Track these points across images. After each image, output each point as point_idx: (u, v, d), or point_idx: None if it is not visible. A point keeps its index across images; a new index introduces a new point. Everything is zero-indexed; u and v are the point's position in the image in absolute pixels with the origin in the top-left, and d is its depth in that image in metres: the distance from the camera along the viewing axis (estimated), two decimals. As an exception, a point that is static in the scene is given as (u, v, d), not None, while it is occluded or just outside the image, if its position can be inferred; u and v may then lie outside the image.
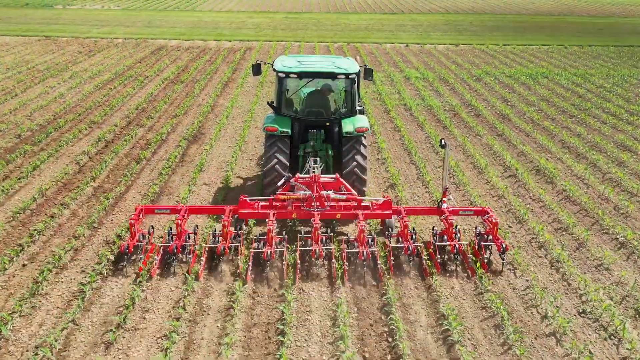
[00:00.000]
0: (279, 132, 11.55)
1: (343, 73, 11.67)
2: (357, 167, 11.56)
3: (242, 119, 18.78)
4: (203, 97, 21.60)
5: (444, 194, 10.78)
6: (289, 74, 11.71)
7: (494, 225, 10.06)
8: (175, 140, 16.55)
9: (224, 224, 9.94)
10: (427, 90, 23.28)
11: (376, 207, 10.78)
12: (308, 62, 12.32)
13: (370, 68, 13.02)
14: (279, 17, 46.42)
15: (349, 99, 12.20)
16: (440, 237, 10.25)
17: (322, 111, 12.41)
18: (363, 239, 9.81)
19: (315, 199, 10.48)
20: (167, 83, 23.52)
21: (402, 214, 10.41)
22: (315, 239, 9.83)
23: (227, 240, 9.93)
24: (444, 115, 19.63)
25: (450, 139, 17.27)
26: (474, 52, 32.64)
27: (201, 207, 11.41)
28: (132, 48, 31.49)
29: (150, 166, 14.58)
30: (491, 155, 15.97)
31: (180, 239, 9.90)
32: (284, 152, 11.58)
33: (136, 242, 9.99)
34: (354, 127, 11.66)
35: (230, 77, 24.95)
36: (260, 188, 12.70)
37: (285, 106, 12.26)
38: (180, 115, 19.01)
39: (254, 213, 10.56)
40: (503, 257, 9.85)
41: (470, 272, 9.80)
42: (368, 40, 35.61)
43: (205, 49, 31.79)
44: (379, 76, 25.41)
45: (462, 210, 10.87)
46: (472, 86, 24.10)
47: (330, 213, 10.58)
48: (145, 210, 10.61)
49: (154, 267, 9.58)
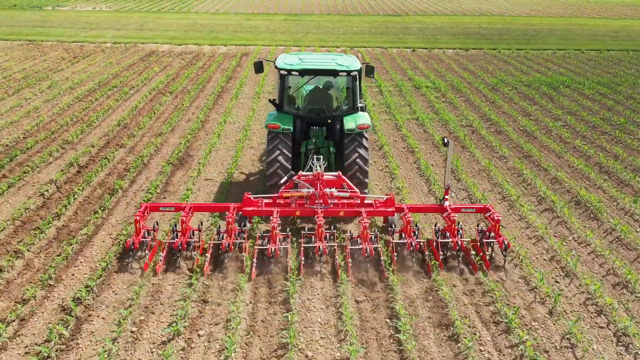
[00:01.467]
0: (281, 130, 11.58)
1: (345, 70, 11.64)
2: (359, 157, 11.58)
3: (235, 138, 16.69)
4: (193, 110, 19.51)
5: (446, 191, 10.86)
6: (291, 72, 11.72)
7: (495, 223, 10.13)
8: (159, 165, 14.45)
9: (229, 221, 10.05)
10: (440, 102, 21.20)
11: (379, 205, 10.84)
12: (310, 59, 12.27)
13: (371, 65, 12.99)
14: (277, 19, 44.34)
15: (350, 96, 12.22)
16: (442, 234, 10.28)
17: (324, 108, 12.43)
18: (366, 235, 9.87)
19: (319, 196, 10.56)
20: (155, 94, 21.42)
21: (404, 212, 10.47)
22: (318, 236, 9.88)
23: (231, 237, 10.01)
24: (461, 132, 17.56)
25: (472, 162, 15.19)
26: (486, 57, 30.57)
27: (206, 204, 11.60)
28: (120, 54, 29.39)
29: (127, 199, 12.49)
30: (521, 183, 13.90)
31: (185, 235, 9.97)
32: (286, 148, 11.62)
33: (141, 239, 9.94)
34: (356, 124, 11.68)
35: (224, 86, 22.85)
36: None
37: (287, 103, 12.30)
38: (166, 133, 16.92)
39: (257, 210, 10.69)
40: (505, 254, 9.91)
41: (472, 268, 9.82)
42: (372, 44, 33.53)
43: (198, 55, 29.70)
44: (386, 86, 23.34)
45: (464, 208, 11.00)
46: (489, 97, 22.02)
47: (334, 210, 10.67)
48: (150, 208, 10.68)
49: (159, 264, 9.58)
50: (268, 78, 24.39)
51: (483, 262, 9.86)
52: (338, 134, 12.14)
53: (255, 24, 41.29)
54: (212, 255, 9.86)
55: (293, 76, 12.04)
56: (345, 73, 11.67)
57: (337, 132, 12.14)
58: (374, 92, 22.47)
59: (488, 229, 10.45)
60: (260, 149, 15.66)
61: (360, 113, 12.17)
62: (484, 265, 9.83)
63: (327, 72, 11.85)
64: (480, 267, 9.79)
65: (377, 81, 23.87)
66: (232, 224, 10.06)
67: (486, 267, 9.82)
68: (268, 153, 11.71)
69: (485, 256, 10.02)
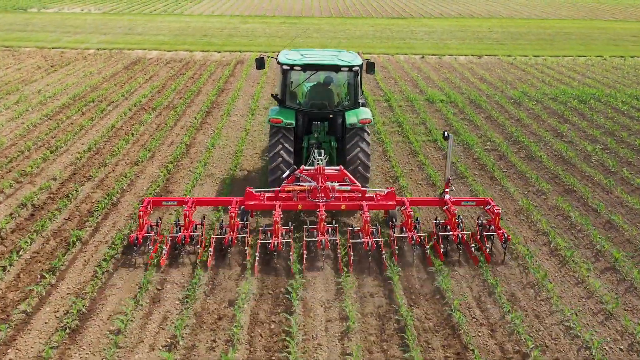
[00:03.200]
0: (284, 124, 11.66)
1: (347, 65, 11.70)
2: (360, 152, 11.66)
3: (224, 167, 14.22)
4: (178, 131, 17.03)
5: (447, 185, 10.96)
6: (293, 67, 11.76)
7: (495, 216, 10.21)
8: (130, 206, 11.98)
9: (231, 215, 10.08)
10: (458, 119, 18.74)
11: (380, 198, 10.95)
12: (312, 55, 12.39)
13: (372, 62, 13.01)
14: (276, 22, 41.84)
15: (352, 91, 12.29)
16: (443, 227, 10.37)
17: (325, 103, 12.45)
18: (368, 229, 9.91)
19: (321, 190, 10.63)
20: (136, 110, 18.93)
21: (405, 205, 10.57)
22: (320, 229, 9.94)
23: (234, 231, 10.06)
24: (487, 157, 15.11)
25: (506, 200, 12.72)
26: (502, 65, 28.11)
27: (208, 199, 11.73)
28: (102, 61, 26.87)
29: (84, 256, 10.01)
30: (569, 229, 11.44)
31: (188, 229, 10.02)
32: (288, 143, 11.68)
33: (145, 234, 10.00)
34: (358, 119, 11.77)
35: (214, 101, 20.36)
36: None
37: (290, 98, 12.36)
38: (143, 162, 14.43)
39: (260, 204, 10.75)
40: (505, 247, 9.95)
41: (473, 261, 9.93)
42: (377, 51, 31.04)
43: (189, 63, 27.19)
44: (396, 99, 20.87)
45: (464, 201, 11.15)
46: (512, 113, 19.56)
47: (335, 204, 10.74)
48: (153, 203, 10.75)
49: (162, 257, 9.67)
50: (264, 90, 21.92)
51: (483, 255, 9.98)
52: (340, 128, 12.23)
53: (252, 27, 38.80)
54: (214, 249, 9.97)
55: (295, 71, 12.05)
56: (347, 68, 11.74)
57: (338, 127, 12.25)
58: (383, 107, 20.01)
59: (488, 222, 10.55)
60: (255, 180, 13.21)
61: (361, 108, 12.22)
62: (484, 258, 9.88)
63: (329, 67, 11.93)
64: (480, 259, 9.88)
65: (387, 94, 21.42)
66: (235, 218, 10.10)
67: (486, 259, 9.92)
68: (270, 148, 11.77)
69: (485, 249, 10.05)
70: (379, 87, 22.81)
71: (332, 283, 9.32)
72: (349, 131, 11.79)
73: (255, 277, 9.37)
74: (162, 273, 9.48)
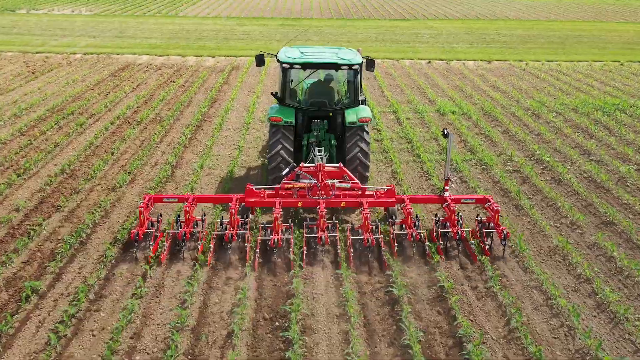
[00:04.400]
0: (284, 122, 11.64)
1: (346, 64, 11.64)
2: (360, 152, 11.66)
3: (213, 192, 12.52)
4: (164, 148, 15.33)
5: (446, 182, 10.98)
6: (293, 65, 11.67)
7: (495, 213, 10.26)
8: (101, 245, 10.27)
9: (232, 212, 10.09)
10: (473, 133, 17.04)
11: (380, 196, 10.96)
12: (312, 53, 12.28)
13: (372, 59, 12.64)
14: (274, 24, 40.12)
15: (351, 89, 12.23)
16: (442, 224, 10.36)
17: (325, 101, 12.43)
18: (367, 226, 9.96)
19: (321, 187, 10.64)
20: (119, 124, 17.22)
21: (405, 202, 10.60)
22: (320, 226, 9.98)
23: (234, 227, 10.06)
24: (509, 180, 13.43)
25: (537, 235, 11.03)
26: (514, 71, 26.41)
27: (208, 195, 11.84)
28: (88, 67, 25.14)
29: (38, 316, 8.31)
30: (615, 273, 9.74)
31: (189, 226, 10.07)
32: (288, 141, 11.67)
33: (145, 230, 9.99)
34: (357, 117, 11.75)
35: (206, 113, 18.65)
36: None
37: (289, 97, 12.32)
38: (122, 187, 12.74)
39: (260, 201, 10.77)
40: (504, 243, 9.98)
41: (472, 257, 9.95)
42: (381, 55, 29.35)
43: (181, 69, 25.48)
44: (404, 111, 19.18)
45: (463, 199, 11.11)
46: (532, 127, 17.87)
47: (335, 201, 10.76)
48: (154, 199, 10.73)
49: (163, 253, 9.68)
50: (260, 101, 20.22)
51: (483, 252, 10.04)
52: (339, 127, 12.23)
53: (249, 30, 37.08)
54: (215, 245, 10.01)
55: (295, 70, 11.97)
56: (347, 66, 11.65)
57: (338, 125, 12.24)
58: (391, 120, 18.30)
59: (487, 219, 10.59)
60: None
61: (361, 106, 12.17)
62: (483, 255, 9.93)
63: (329, 65, 11.85)
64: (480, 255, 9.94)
65: (393, 105, 19.73)
66: (235, 215, 10.13)
67: (486, 256, 9.93)
68: (270, 147, 11.74)
69: (485, 246, 10.12)
70: (384, 97, 21.12)
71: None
72: (349, 130, 11.77)
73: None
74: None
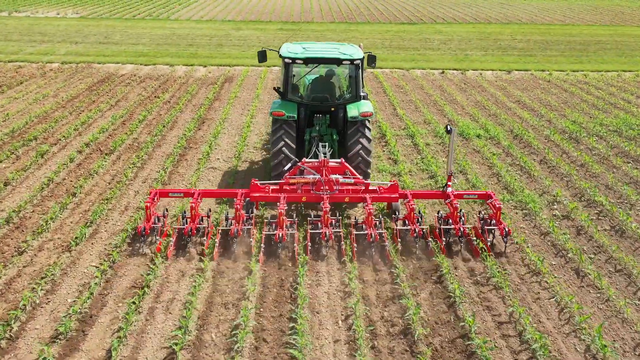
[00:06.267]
0: (286, 117, 11.70)
1: (348, 59, 11.76)
2: (362, 149, 11.69)
3: (197, 250, 9.90)
4: (138, 186, 12.70)
5: (449, 178, 10.98)
6: (295, 60, 11.83)
7: (497, 210, 10.24)
8: (36, 349, 7.62)
9: (237, 207, 10.18)
10: (505, 164, 14.42)
11: (383, 191, 11.06)
12: (314, 48, 12.36)
13: (373, 55, 12.90)
14: (272, 28, 37.48)
15: (353, 84, 12.32)
16: (445, 220, 10.45)
17: (327, 96, 12.46)
18: (371, 221, 9.99)
19: (325, 182, 10.75)
20: (88, 153, 14.59)
21: (408, 198, 10.64)
22: (324, 222, 10.04)
23: (239, 222, 10.11)
24: (560, 233, 10.86)
25: (613, 320, 8.41)
26: (538, 83, 23.82)
27: (214, 190, 11.82)
28: (64, 79, 22.50)
29: None
30: None
31: (194, 221, 10.12)
32: (290, 135, 11.75)
33: (152, 225, 10.06)
34: (359, 111, 11.78)
35: (192, 137, 16.02)
36: None
37: (291, 92, 12.36)
38: (79, 245, 10.10)
39: (265, 196, 10.82)
40: (506, 240, 9.96)
41: (474, 253, 9.96)
42: (390, 64, 26.77)
43: (168, 80, 22.85)
44: (422, 134, 16.56)
45: (466, 194, 11.10)
46: (572, 155, 15.27)
47: (339, 196, 10.83)
48: (160, 194, 10.76)
49: (169, 248, 9.74)
50: (255, 121, 17.61)
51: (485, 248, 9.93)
52: (341, 121, 12.29)
53: (245, 35, 34.47)
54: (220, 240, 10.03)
55: (297, 65, 12.08)
56: (349, 61, 11.81)
57: (340, 120, 12.29)
58: (407, 147, 15.65)
59: (490, 216, 10.49)
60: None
61: (363, 101, 12.23)
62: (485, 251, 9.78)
63: (331, 60, 11.95)
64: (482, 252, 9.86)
65: (409, 127, 17.13)
66: (240, 210, 10.17)
67: (487, 252, 9.87)
68: (273, 143, 11.79)
69: (486, 242, 10.05)
70: (397, 116, 18.51)
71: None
72: (351, 125, 11.85)
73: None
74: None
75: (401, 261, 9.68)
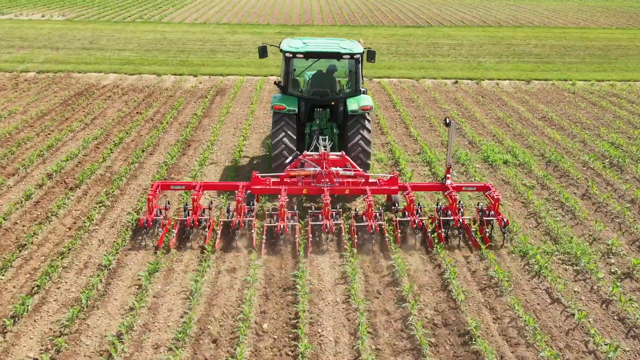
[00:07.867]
0: (287, 111, 11.86)
1: (348, 53, 11.91)
2: (362, 139, 11.83)
3: (166, 346, 7.74)
4: (104, 233, 10.46)
5: (448, 170, 11.15)
6: (296, 54, 11.99)
7: (495, 201, 10.38)
8: None
9: (238, 199, 10.25)
10: (541, 199, 12.19)
11: (383, 183, 11.14)
12: (314, 43, 12.54)
13: (373, 50, 13.06)
14: (270, 31, 35.21)
15: (353, 78, 12.45)
16: (444, 212, 10.54)
17: (327, 91, 12.57)
18: (371, 213, 10.12)
19: (325, 175, 10.85)
20: (50, 187, 12.36)
21: (407, 190, 10.71)
22: (325, 214, 10.17)
23: (241, 215, 10.20)
24: (622, 295, 8.63)
25: None
26: (562, 95, 21.59)
27: (215, 183, 11.90)
28: (38, 91, 20.25)
29: None
30: None
31: (196, 213, 10.20)
32: (291, 128, 11.89)
33: (154, 217, 10.10)
34: (359, 105, 11.93)
35: (175, 165, 13.77)
36: None
37: (292, 86, 12.48)
38: (18, 323, 7.86)
39: (266, 189, 10.95)
40: (504, 230, 10.10)
41: (473, 244, 10.10)
42: (397, 72, 24.54)
43: (154, 93, 20.61)
44: (439, 158, 14.31)
45: (465, 187, 11.20)
46: (618, 187, 13.05)
47: (340, 189, 10.96)
48: (162, 186, 10.86)
49: (172, 240, 9.80)
50: (249, 143, 15.37)
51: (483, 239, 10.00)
52: (341, 115, 12.40)
53: (241, 39, 32.22)
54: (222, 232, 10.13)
55: (298, 59, 12.17)
56: (349, 56, 11.94)
57: (340, 113, 12.42)
58: (425, 175, 13.43)
59: (488, 207, 10.62)
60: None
61: (362, 95, 12.36)
62: None
63: (331, 54, 12.08)
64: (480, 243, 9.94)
65: (424, 150, 14.91)
66: (242, 203, 10.23)
67: (486, 243, 9.98)
68: (273, 135, 11.92)
69: (485, 233, 10.13)
70: (411, 137, 16.27)
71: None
72: (350, 118, 11.97)
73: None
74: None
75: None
